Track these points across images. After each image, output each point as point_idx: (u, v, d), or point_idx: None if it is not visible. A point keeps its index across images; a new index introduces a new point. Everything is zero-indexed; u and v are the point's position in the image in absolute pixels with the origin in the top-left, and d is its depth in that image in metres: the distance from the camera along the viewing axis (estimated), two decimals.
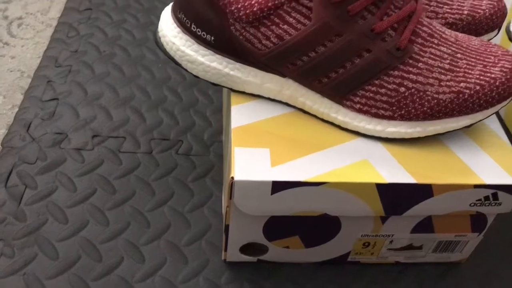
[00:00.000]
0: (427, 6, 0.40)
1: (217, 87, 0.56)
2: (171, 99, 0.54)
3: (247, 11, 0.34)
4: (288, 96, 0.37)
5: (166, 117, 0.52)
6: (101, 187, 0.45)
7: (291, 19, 0.33)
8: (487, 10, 0.40)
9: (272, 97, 0.38)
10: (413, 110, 0.34)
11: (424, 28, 0.35)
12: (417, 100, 0.34)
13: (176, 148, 0.49)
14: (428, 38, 0.35)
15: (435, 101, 0.34)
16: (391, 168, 0.34)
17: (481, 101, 0.34)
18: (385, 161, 0.35)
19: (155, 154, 0.48)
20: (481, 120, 0.35)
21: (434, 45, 0.34)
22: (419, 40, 0.34)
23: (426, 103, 0.34)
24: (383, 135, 0.35)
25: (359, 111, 0.35)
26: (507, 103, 0.36)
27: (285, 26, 0.33)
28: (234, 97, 0.38)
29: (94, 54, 0.57)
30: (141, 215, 0.44)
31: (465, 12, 0.40)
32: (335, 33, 0.33)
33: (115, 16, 0.63)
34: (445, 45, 0.35)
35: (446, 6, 0.40)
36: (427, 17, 0.40)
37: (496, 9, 0.40)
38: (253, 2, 0.33)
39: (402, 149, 0.36)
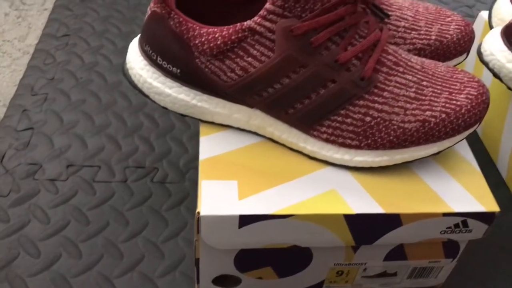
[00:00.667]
0: (394, 32, 0.40)
1: None
2: (148, 125, 0.53)
3: (211, 45, 0.34)
4: (256, 126, 0.37)
5: (142, 144, 0.51)
6: (75, 218, 0.45)
7: (255, 52, 0.33)
8: (454, 35, 0.40)
9: (241, 127, 0.37)
10: (379, 140, 0.34)
11: (389, 57, 0.35)
12: (383, 129, 0.34)
13: (152, 176, 0.49)
14: (393, 66, 0.35)
15: (401, 130, 0.34)
16: (359, 198, 0.34)
17: (447, 129, 0.34)
18: (353, 191, 0.34)
19: (130, 183, 0.48)
20: (449, 147, 0.35)
21: (399, 74, 0.35)
22: (384, 69, 0.34)
23: (392, 132, 0.34)
24: (351, 164, 0.35)
25: (326, 140, 0.35)
26: (475, 129, 0.36)
27: (250, 59, 0.33)
28: (203, 128, 0.38)
29: (71, 81, 0.57)
30: (115, 246, 0.43)
31: (433, 37, 0.40)
32: (299, 64, 0.33)
33: (92, 42, 0.62)
34: (410, 73, 0.35)
35: (414, 32, 0.40)
36: (395, 43, 0.40)
37: (463, 33, 0.40)
38: (216, 35, 0.33)
39: (371, 178, 0.35)
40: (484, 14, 0.57)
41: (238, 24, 0.33)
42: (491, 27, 0.54)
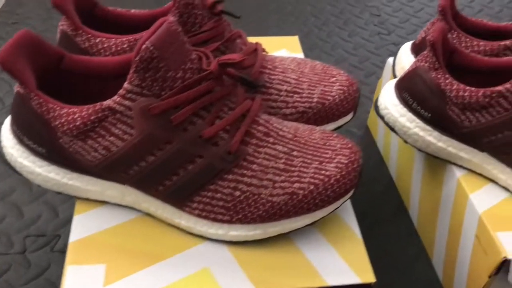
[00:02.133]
0: (277, 96, 0.39)
1: None
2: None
3: (71, 126, 0.33)
4: (131, 202, 0.36)
5: (46, 210, 0.50)
6: None
7: (117, 131, 0.32)
8: (337, 96, 0.40)
9: (117, 202, 0.36)
10: (249, 214, 0.33)
11: (260, 128, 0.34)
12: (252, 203, 0.33)
13: (52, 244, 0.47)
14: (263, 137, 0.34)
15: (269, 204, 0.33)
16: (232, 277, 0.33)
17: (317, 201, 0.33)
18: (227, 268, 0.33)
19: (28, 254, 0.46)
20: (323, 217, 0.35)
21: (269, 145, 0.34)
22: (254, 141, 0.34)
23: (261, 206, 0.33)
24: (226, 239, 0.34)
25: (199, 216, 0.34)
26: (349, 198, 0.36)
27: (112, 138, 0.33)
28: (78, 205, 0.37)
29: None
30: None
31: (315, 100, 0.40)
32: (163, 141, 0.32)
33: None
34: (281, 143, 0.34)
35: (296, 95, 0.40)
36: (278, 107, 0.39)
37: (346, 94, 0.40)
38: (76, 116, 0.33)
39: (248, 252, 0.34)
40: (391, 61, 0.57)
41: (98, 103, 0.32)
42: (394, 76, 0.55)
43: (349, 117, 0.41)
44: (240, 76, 0.34)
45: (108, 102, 0.32)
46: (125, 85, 0.32)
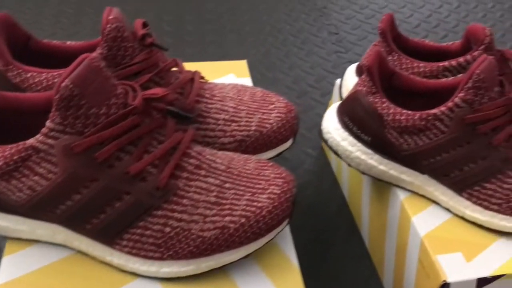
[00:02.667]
0: (214, 126, 0.39)
1: None
2: None
3: None
4: (62, 240, 0.35)
5: None
6: None
7: (41, 170, 0.32)
8: (275, 124, 0.40)
9: (49, 241, 0.35)
10: (180, 250, 0.33)
11: (191, 160, 0.34)
12: (183, 239, 0.32)
13: None
14: (195, 170, 0.34)
15: (200, 239, 0.32)
16: None
17: (248, 234, 0.33)
18: None
19: None
20: (258, 249, 0.34)
21: (201, 178, 0.34)
22: (185, 174, 0.33)
23: (191, 242, 0.32)
24: (159, 276, 0.34)
25: (130, 253, 0.33)
26: (283, 228, 0.35)
27: (36, 177, 0.32)
28: (9, 245, 0.36)
29: None
30: None
31: (253, 128, 0.39)
32: (89, 179, 0.32)
33: None
34: (213, 175, 0.34)
35: (234, 124, 0.39)
36: (216, 137, 0.39)
37: (284, 121, 0.40)
38: None
39: None
40: (339, 82, 0.57)
41: (21, 143, 0.32)
42: (341, 98, 0.55)
43: (288, 143, 0.41)
44: (168, 109, 0.33)
45: (31, 141, 0.31)
46: (47, 123, 0.31)
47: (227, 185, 0.34)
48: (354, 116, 0.42)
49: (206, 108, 0.39)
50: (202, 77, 0.42)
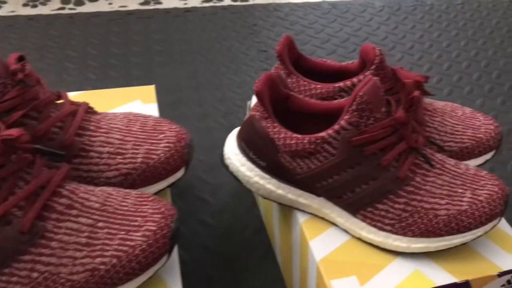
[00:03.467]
0: (98, 160, 0.38)
1: None
2: None
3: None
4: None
5: None
6: None
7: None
8: (162, 155, 0.39)
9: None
10: None
11: (62, 200, 0.32)
12: (51, 284, 0.31)
13: None
14: (65, 210, 0.32)
15: (69, 283, 0.31)
16: None
17: (120, 275, 0.32)
18: None
19: None
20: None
21: (72, 218, 0.32)
22: (54, 215, 0.32)
23: (59, 286, 0.31)
24: None
25: None
26: (161, 266, 0.34)
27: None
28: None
29: None
30: None
31: (139, 160, 0.38)
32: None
33: None
34: (86, 214, 0.33)
35: (119, 157, 0.38)
36: (100, 171, 0.38)
37: (173, 151, 0.39)
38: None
39: None
40: (249, 104, 0.57)
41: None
42: None
43: (179, 173, 0.40)
44: (35, 147, 0.32)
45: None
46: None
47: (100, 224, 0.32)
48: (250, 142, 0.42)
49: (89, 142, 0.38)
50: (91, 108, 0.40)
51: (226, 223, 0.55)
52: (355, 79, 0.44)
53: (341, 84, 0.44)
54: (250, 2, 1.00)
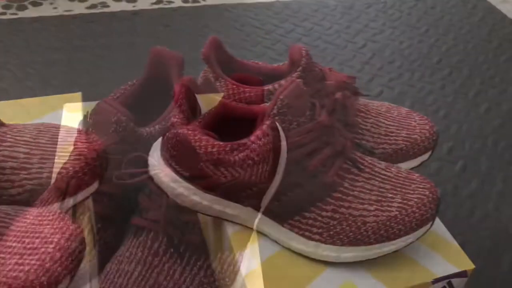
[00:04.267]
0: (0, 176, 0.35)
1: None
2: None
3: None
4: None
5: None
6: None
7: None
8: (71, 169, 0.36)
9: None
10: None
11: None
12: None
13: None
14: None
15: None
16: None
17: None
18: None
19: None
20: None
21: None
22: None
23: None
24: None
25: None
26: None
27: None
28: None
29: None
30: None
31: (45, 175, 0.35)
32: None
33: None
34: None
35: (23, 172, 0.35)
36: (3, 188, 0.35)
37: (83, 163, 0.37)
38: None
39: None
40: None
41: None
42: None
43: (93, 187, 0.37)
44: None
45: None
46: None
47: None
48: (171, 151, 0.39)
49: None
50: None
51: None
52: (282, 81, 0.42)
53: (269, 87, 0.42)
54: (201, 3, 0.97)
